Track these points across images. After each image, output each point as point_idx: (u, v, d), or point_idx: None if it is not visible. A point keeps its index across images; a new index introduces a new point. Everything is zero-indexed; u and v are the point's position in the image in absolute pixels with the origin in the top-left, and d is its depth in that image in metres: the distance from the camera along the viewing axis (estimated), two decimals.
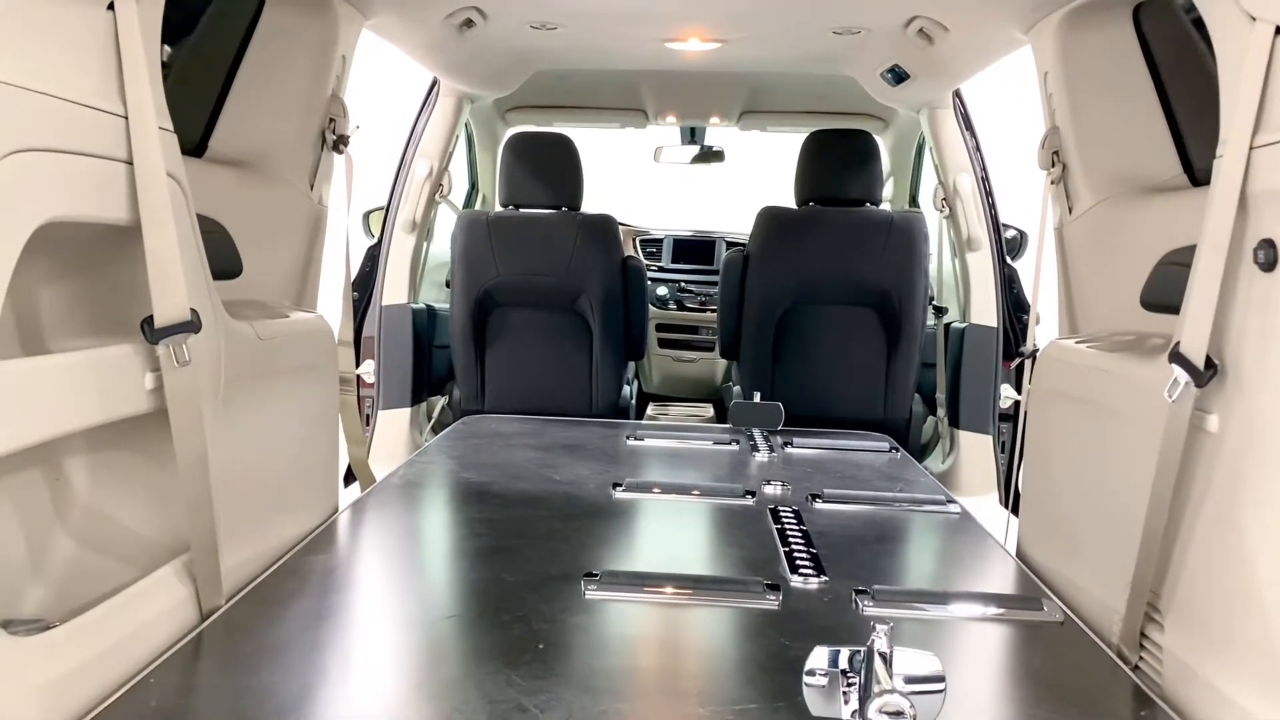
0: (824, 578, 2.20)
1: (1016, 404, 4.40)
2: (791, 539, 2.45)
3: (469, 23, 3.33)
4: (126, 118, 1.60)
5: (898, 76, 3.90)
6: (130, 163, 1.61)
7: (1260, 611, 1.52)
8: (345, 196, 2.83)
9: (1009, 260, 4.35)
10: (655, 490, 2.90)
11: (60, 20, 1.44)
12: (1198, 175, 2.44)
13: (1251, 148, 1.50)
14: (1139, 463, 1.90)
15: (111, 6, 1.54)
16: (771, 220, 4.17)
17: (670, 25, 3.54)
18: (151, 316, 1.67)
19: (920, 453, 4.56)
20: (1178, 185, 2.45)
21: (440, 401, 4.76)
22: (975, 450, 4.35)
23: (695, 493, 2.89)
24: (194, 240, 1.85)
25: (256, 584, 2.06)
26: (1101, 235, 2.58)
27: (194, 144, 2.49)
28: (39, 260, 1.47)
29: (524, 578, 2.16)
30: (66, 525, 1.85)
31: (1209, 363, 1.61)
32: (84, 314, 1.78)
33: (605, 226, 4.22)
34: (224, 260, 2.28)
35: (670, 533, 2.65)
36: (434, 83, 4.34)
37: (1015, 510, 4.24)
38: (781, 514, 2.67)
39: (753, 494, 2.87)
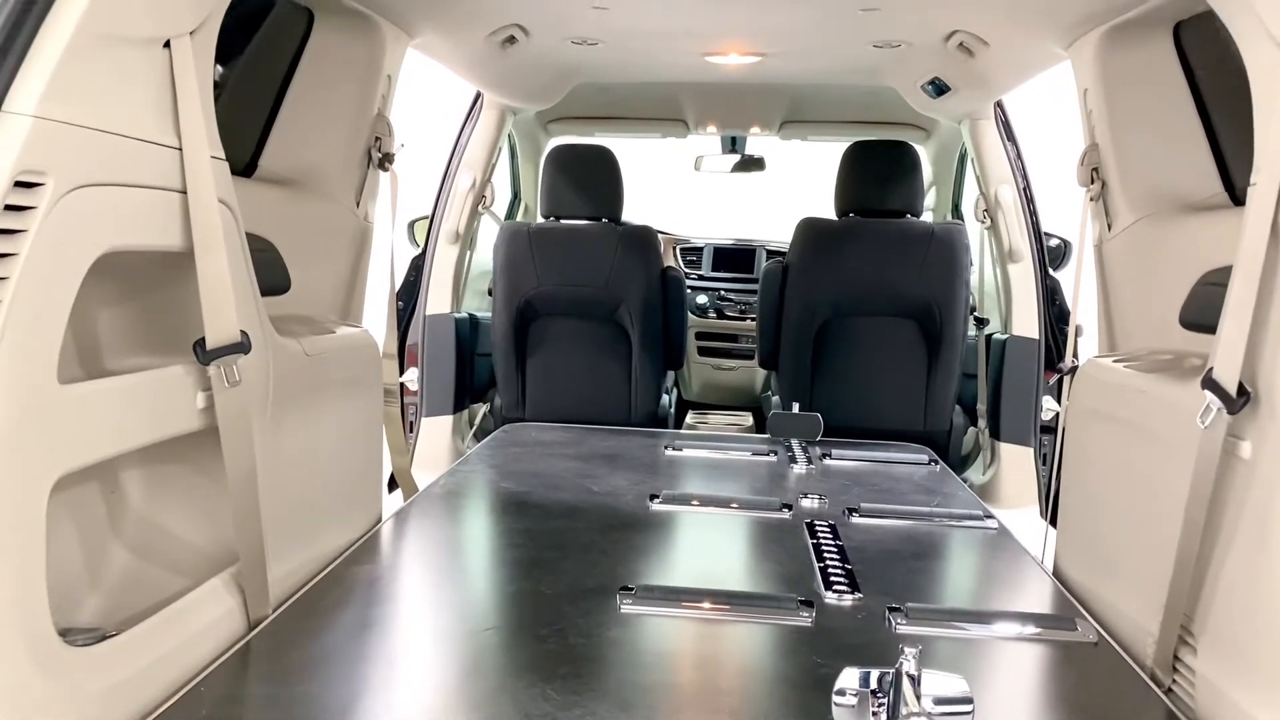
0: (858, 594, 2.22)
1: (1058, 416, 4.38)
2: (827, 554, 2.47)
3: (511, 39, 3.39)
4: (180, 149, 1.66)
5: (938, 89, 3.90)
6: (184, 191, 1.68)
7: None
8: (390, 213, 2.90)
9: (1051, 271, 4.33)
10: (692, 503, 2.93)
11: (120, 61, 1.51)
12: (1239, 194, 2.42)
13: None
14: (1173, 485, 1.90)
15: (168, 44, 1.60)
16: (811, 231, 4.18)
17: (710, 40, 3.57)
18: (203, 338, 1.73)
19: (961, 464, 4.55)
20: (1218, 204, 2.44)
21: (482, 409, 4.83)
22: (1016, 462, 4.33)
23: (732, 505, 2.92)
24: (244, 263, 1.91)
25: (302, 594, 2.12)
26: (1141, 253, 2.57)
27: (244, 164, 2.56)
28: (95, 284, 1.54)
29: (561, 590, 2.20)
30: (121, 536, 1.92)
31: (1241, 390, 1.61)
32: (138, 334, 1.85)
33: (645, 238, 4.26)
34: (273, 277, 2.35)
35: (706, 546, 2.68)
36: (477, 96, 4.41)
37: (1055, 523, 4.23)
38: (818, 528, 2.69)
39: (789, 507, 2.89)
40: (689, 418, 5.25)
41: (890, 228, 4.12)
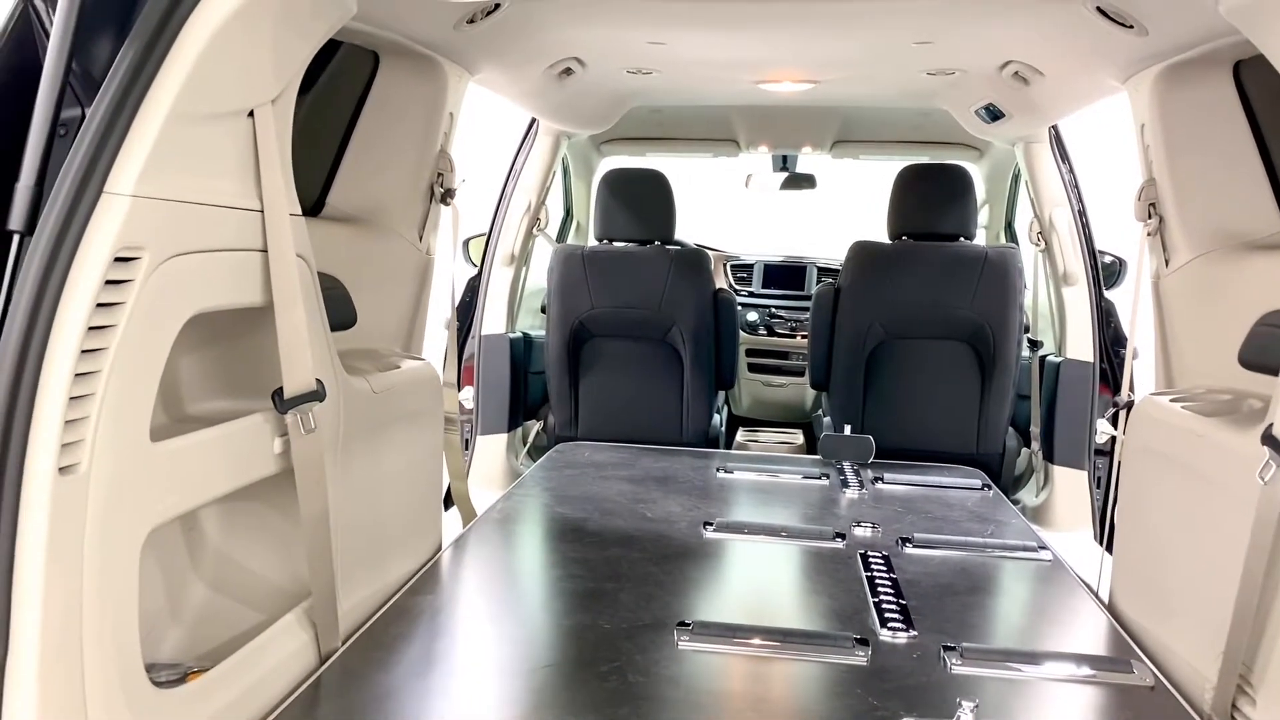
0: (913, 632, 2.24)
1: (1113, 440, 4.34)
2: (881, 589, 2.49)
3: (568, 71, 3.45)
4: (262, 211, 1.74)
5: (992, 114, 3.89)
6: (265, 250, 1.76)
7: None
8: (451, 245, 2.97)
9: (1106, 292, 4.30)
10: (745, 531, 2.96)
11: (208, 134, 1.59)
12: None
13: None
14: (1232, 533, 1.91)
15: (251, 114, 1.68)
16: (863, 254, 4.19)
17: (764, 68, 3.61)
18: (281, 388, 1.81)
19: (1013, 486, 4.53)
20: (1278, 244, 2.42)
21: (535, 426, 4.90)
22: (1070, 485, 4.30)
23: (785, 534, 2.95)
24: (319, 311, 1.99)
25: (369, 627, 2.19)
26: (1200, 290, 2.56)
27: (313, 202, 2.65)
28: (179, 335, 1.62)
29: (619, 624, 2.25)
30: (200, 572, 2.01)
31: None
32: (216, 379, 1.94)
33: (697, 261, 4.30)
34: (341, 313, 2.43)
35: (760, 578, 2.71)
36: (532, 122, 4.48)
37: (1110, 548, 4.20)
38: (871, 560, 2.71)
39: (842, 536, 2.91)
40: (739, 435, 5.28)
41: (943, 251, 4.12)
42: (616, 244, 4.38)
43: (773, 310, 5.75)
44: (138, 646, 1.51)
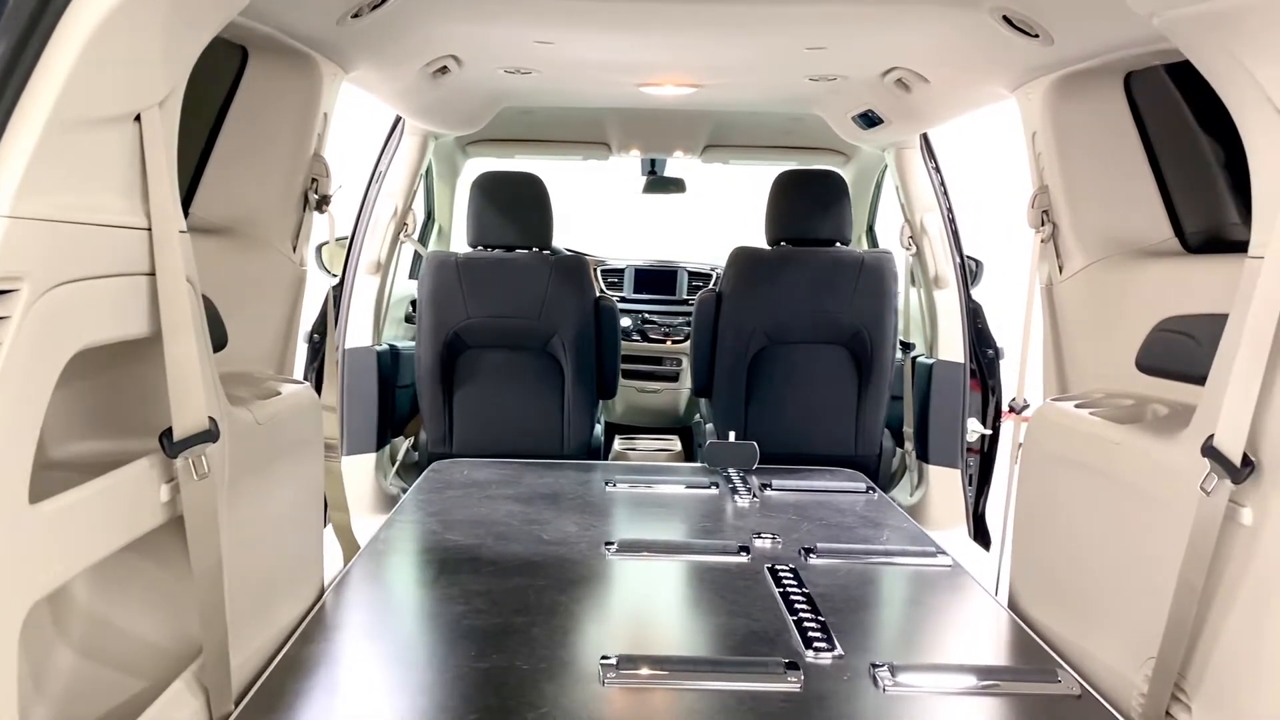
0: (838, 651, 2.19)
1: (982, 437, 4.47)
2: (797, 605, 2.44)
3: (444, 69, 3.26)
4: (150, 229, 1.52)
5: (869, 121, 3.93)
6: (152, 274, 1.53)
7: None
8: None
9: (972, 295, 4.42)
10: (648, 550, 2.86)
11: (92, 143, 1.36)
12: (1189, 241, 2.48)
13: None
14: (1160, 541, 1.92)
15: (138, 118, 1.46)
16: (744, 260, 4.16)
17: (648, 71, 3.51)
18: (170, 428, 1.58)
19: (888, 485, 4.60)
20: (1170, 250, 2.49)
21: (404, 443, 4.66)
22: (944, 484, 4.40)
23: (689, 551, 2.87)
24: (206, 340, 1.76)
25: (262, 685, 1.98)
26: (1094, 296, 2.61)
27: None
28: None
29: (537, 664, 2.10)
30: (68, 638, 1.75)
31: (1246, 460, 1.63)
32: (87, 419, 1.69)
33: (578, 267, 4.18)
34: (213, 335, 2.19)
35: (674, 602, 2.61)
36: (397, 121, 4.24)
37: (984, 543, 4.33)
38: (780, 574, 2.66)
39: (746, 550, 2.85)
40: (617, 444, 5.17)
41: (822, 256, 4.13)
42: (493, 250, 4.20)
43: (645, 316, 5.68)
44: None
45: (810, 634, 2.26)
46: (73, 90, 1.24)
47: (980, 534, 4.43)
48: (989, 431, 4.47)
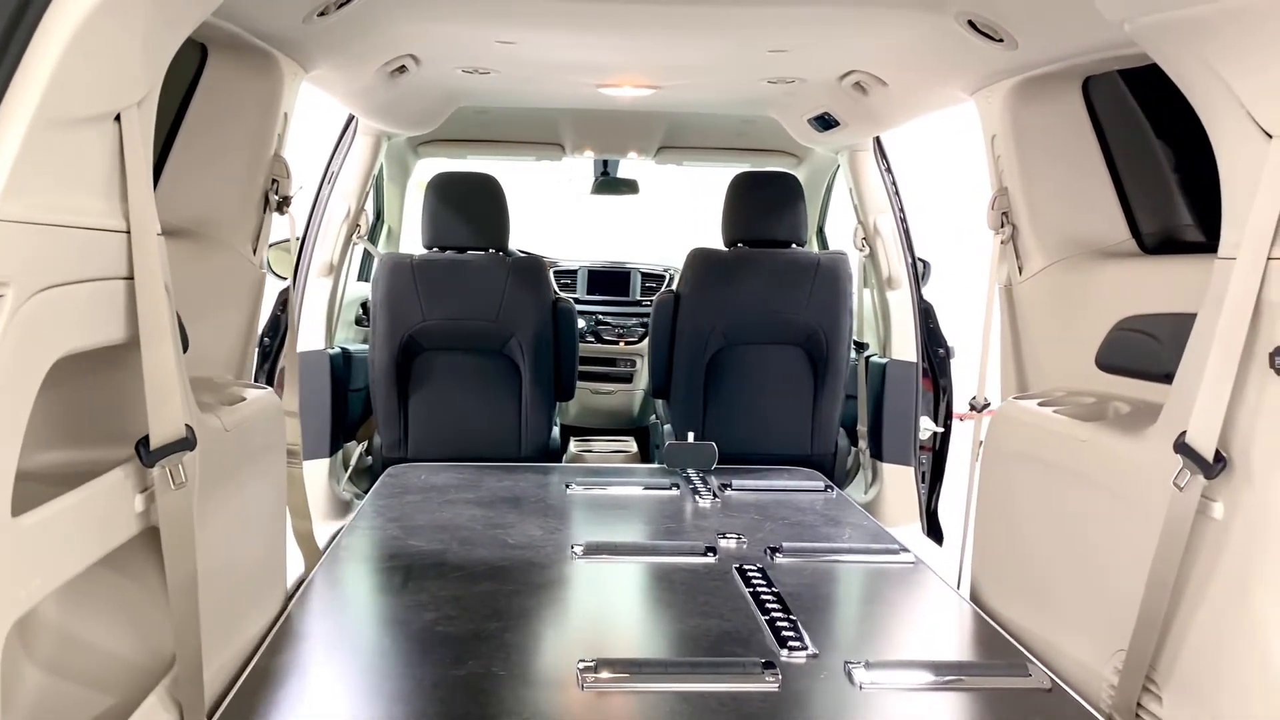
0: (812, 650, 2.21)
1: (934, 435, 4.55)
2: (768, 604, 2.45)
3: (402, 69, 3.22)
4: (128, 231, 1.47)
5: (825, 123, 3.96)
6: (130, 278, 1.48)
7: (1275, 688, 1.59)
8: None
9: (924, 296, 4.48)
10: (615, 553, 2.86)
11: (74, 143, 1.32)
12: (1145, 242, 2.54)
13: (1270, 258, 1.57)
14: (1128, 535, 1.97)
15: (118, 118, 1.41)
16: (702, 262, 4.18)
17: (607, 73, 3.50)
18: (146, 436, 1.53)
19: (841, 483, 4.66)
20: (1127, 251, 2.55)
21: (357, 448, 4.59)
22: (898, 481, 4.46)
23: (656, 553, 2.87)
24: (179, 347, 1.72)
25: (234, 698, 1.93)
26: (1054, 296, 2.66)
27: None
28: None
29: (515, 670, 2.09)
30: (35, 655, 1.68)
31: (1218, 456, 1.67)
32: (57, 426, 1.63)
33: (536, 269, 4.15)
34: None
35: (646, 604, 2.61)
36: (350, 121, 4.18)
37: (937, 539, 4.40)
38: (748, 573, 2.67)
39: (713, 550, 2.86)
40: (572, 446, 5.15)
41: (778, 258, 4.16)
42: (449, 252, 4.15)
43: (599, 317, 5.67)
44: None
45: (784, 633, 2.28)
46: (57, 88, 1.20)
47: (933, 530, 4.50)
48: (941, 429, 4.54)
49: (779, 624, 2.33)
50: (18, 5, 1.13)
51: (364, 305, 4.93)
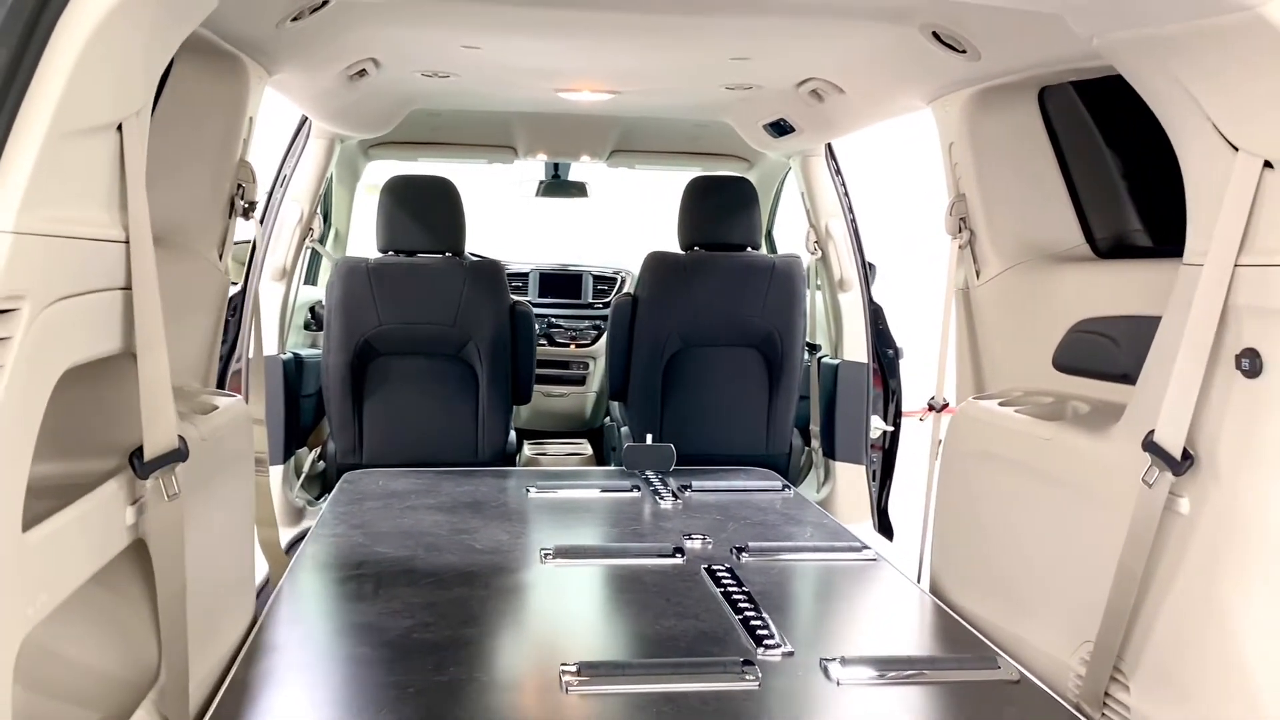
0: (787, 648, 2.25)
1: (884, 434, 4.65)
2: (740, 604, 2.49)
3: (363, 73, 3.20)
4: (127, 241, 1.45)
5: (780, 129, 4.03)
6: (127, 288, 1.47)
7: (1240, 675, 1.67)
8: (257, 267, 2.67)
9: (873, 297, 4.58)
10: (585, 556, 2.88)
11: (82, 154, 1.30)
12: (1099, 246, 2.64)
13: (1236, 265, 1.65)
14: (1093, 530, 2.05)
15: (120, 128, 1.39)
16: (660, 265, 4.21)
17: (567, 77, 3.52)
18: (140, 448, 1.52)
19: (795, 482, 4.73)
20: (1081, 256, 2.65)
21: (309, 455, 4.54)
22: (850, 479, 4.55)
23: (625, 555, 2.89)
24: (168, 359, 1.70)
25: (217, 709, 1.91)
26: (1011, 299, 2.74)
27: None
28: None
29: (497, 676, 2.10)
30: (17, 672, 1.65)
31: (1185, 454, 1.75)
32: (49, 440, 1.60)
33: (493, 272, 4.15)
34: None
35: (621, 607, 2.63)
36: (303, 123, 4.12)
37: (888, 535, 4.50)
38: (717, 573, 2.71)
39: (680, 551, 2.90)
40: (526, 450, 5.15)
41: (734, 261, 4.22)
42: (405, 256, 4.13)
43: (551, 320, 5.68)
44: None
45: (759, 632, 2.32)
46: (70, 98, 1.19)
47: (884, 527, 4.60)
48: (891, 428, 4.65)
49: (753, 623, 2.37)
50: (31, 16, 1.11)
51: (312, 309, 4.88)
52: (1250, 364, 1.61)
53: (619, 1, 2.46)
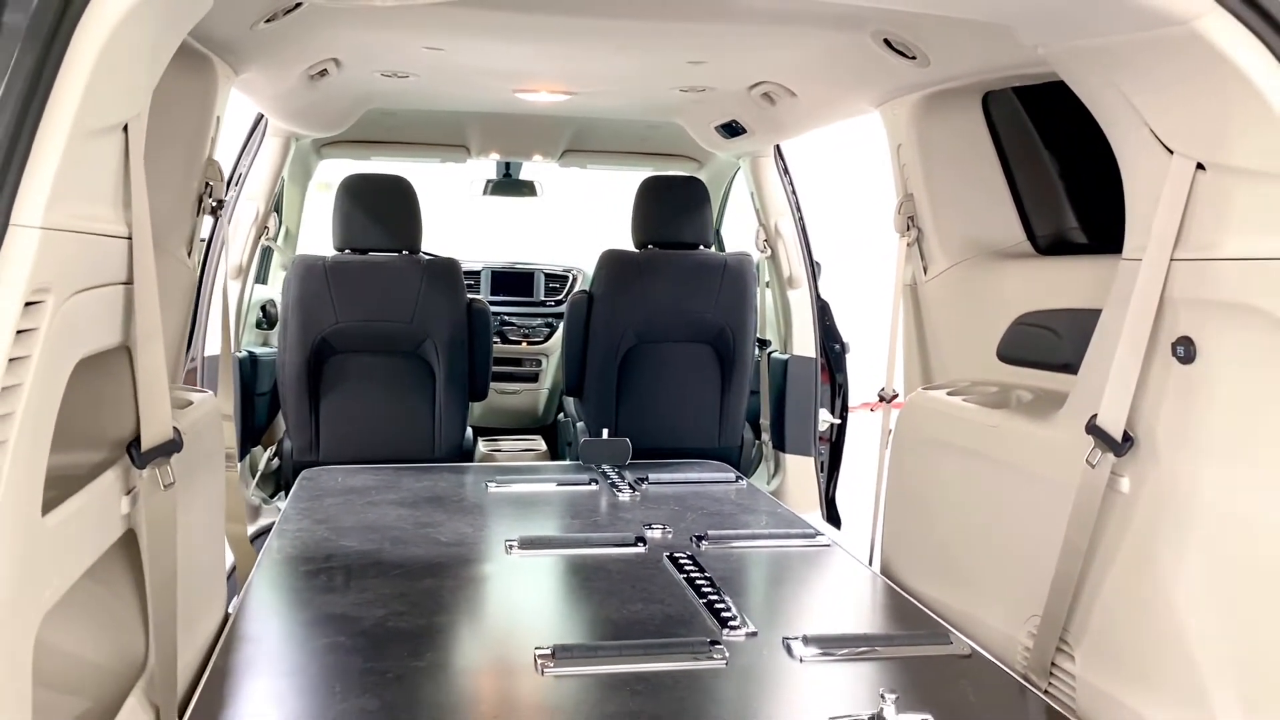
0: (750, 628, 2.35)
1: (831, 426, 4.79)
2: (703, 589, 2.58)
3: (324, 73, 3.23)
4: (130, 238, 1.50)
5: (732, 131, 4.13)
6: (129, 283, 1.51)
7: (1177, 640, 1.81)
8: (223, 265, 2.69)
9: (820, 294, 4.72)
10: (550, 546, 2.95)
11: (96, 152, 1.34)
12: (1039, 243, 2.78)
13: (1172, 259, 1.78)
14: (1039, 511, 2.18)
15: (126, 127, 1.44)
16: (615, 263, 4.30)
17: (525, 78, 3.58)
18: (138, 439, 1.56)
19: (746, 474, 4.85)
20: (1023, 252, 2.79)
21: (264, 453, 4.54)
22: (799, 471, 4.69)
23: (589, 545, 2.97)
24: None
25: (200, 697, 1.95)
26: (957, 295, 2.88)
27: None
28: None
29: (473, 660, 2.16)
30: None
31: (1126, 436, 1.88)
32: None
33: (450, 270, 4.19)
34: None
35: (588, 594, 2.70)
36: (259, 121, 4.13)
37: (836, 523, 4.64)
38: (680, 561, 2.80)
39: (642, 540, 2.98)
40: (481, 446, 5.19)
41: (687, 259, 4.32)
42: (361, 254, 4.16)
43: (504, 318, 5.72)
44: None
45: (723, 614, 2.41)
46: (91, 97, 1.23)
47: (832, 516, 4.75)
48: (838, 421, 4.79)
49: (716, 606, 2.46)
50: (55, 17, 1.16)
51: (263, 308, 4.87)
52: (1185, 351, 1.75)
53: (582, 6, 2.54)
